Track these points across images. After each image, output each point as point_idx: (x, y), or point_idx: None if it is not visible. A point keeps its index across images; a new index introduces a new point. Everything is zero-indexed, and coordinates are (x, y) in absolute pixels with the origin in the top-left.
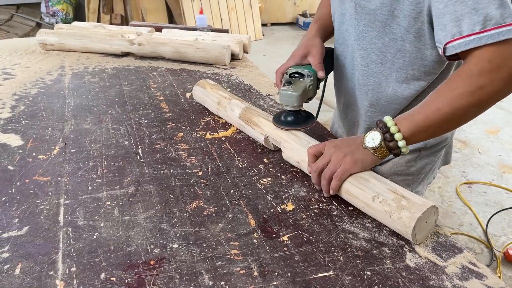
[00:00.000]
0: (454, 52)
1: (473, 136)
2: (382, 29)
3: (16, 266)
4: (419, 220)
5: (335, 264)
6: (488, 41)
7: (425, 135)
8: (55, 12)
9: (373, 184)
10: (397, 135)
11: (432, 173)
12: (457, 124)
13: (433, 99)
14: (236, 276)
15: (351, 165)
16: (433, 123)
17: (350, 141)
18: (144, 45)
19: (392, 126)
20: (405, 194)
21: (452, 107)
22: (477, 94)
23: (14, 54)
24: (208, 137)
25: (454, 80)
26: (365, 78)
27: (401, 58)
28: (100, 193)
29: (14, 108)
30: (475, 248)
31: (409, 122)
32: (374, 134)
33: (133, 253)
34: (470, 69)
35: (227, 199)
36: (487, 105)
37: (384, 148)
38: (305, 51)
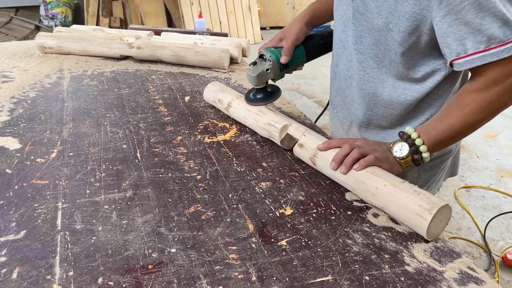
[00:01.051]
0: (461, 69)
1: (471, 140)
2: (378, 38)
3: (13, 270)
4: (443, 209)
5: (333, 268)
6: (492, 58)
7: (440, 147)
8: (54, 15)
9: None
10: (423, 147)
11: (436, 185)
12: (469, 134)
13: (445, 115)
14: (234, 281)
15: (383, 161)
16: (448, 138)
17: (381, 144)
18: (143, 48)
19: (418, 139)
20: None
21: (464, 123)
22: (487, 110)
23: (13, 57)
24: (207, 141)
25: (464, 97)
26: (362, 82)
27: (395, 67)
28: (98, 197)
29: (12, 111)
30: (473, 253)
31: (427, 135)
32: (402, 145)
33: (131, 257)
34: (478, 87)
35: (226, 203)
36: (497, 115)
37: (409, 159)
38: (282, 35)
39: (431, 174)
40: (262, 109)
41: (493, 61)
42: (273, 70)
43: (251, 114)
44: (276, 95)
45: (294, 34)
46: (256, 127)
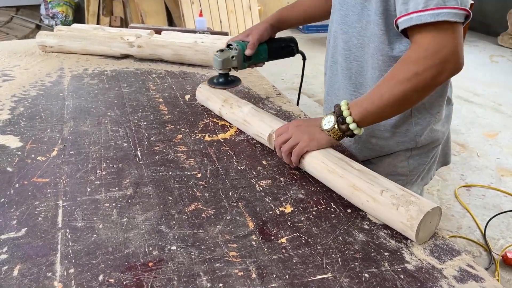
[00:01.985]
0: (402, 27)
1: (471, 139)
2: (360, 12)
3: (14, 268)
4: (427, 216)
5: (333, 266)
6: (427, 19)
7: (374, 118)
8: (55, 14)
9: (382, 181)
10: (348, 118)
11: (428, 174)
12: (402, 108)
13: (377, 85)
14: (234, 278)
15: (307, 143)
16: (378, 108)
17: (310, 122)
18: (143, 47)
19: (345, 110)
20: (413, 194)
21: (392, 93)
22: (413, 80)
23: (14, 56)
24: (207, 139)
25: (395, 67)
26: (348, 62)
27: (372, 42)
28: (98, 195)
29: (13, 110)
30: (473, 251)
31: (359, 107)
32: (329, 117)
33: (131, 255)
34: (408, 56)
35: (226, 201)
36: (424, 90)
37: (337, 130)
38: (249, 31)
39: (420, 162)
40: (247, 117)
41: (428, 27)
42: (237, 59)
43: (239, 125)
44: (236, 83)
45: (260, 31)
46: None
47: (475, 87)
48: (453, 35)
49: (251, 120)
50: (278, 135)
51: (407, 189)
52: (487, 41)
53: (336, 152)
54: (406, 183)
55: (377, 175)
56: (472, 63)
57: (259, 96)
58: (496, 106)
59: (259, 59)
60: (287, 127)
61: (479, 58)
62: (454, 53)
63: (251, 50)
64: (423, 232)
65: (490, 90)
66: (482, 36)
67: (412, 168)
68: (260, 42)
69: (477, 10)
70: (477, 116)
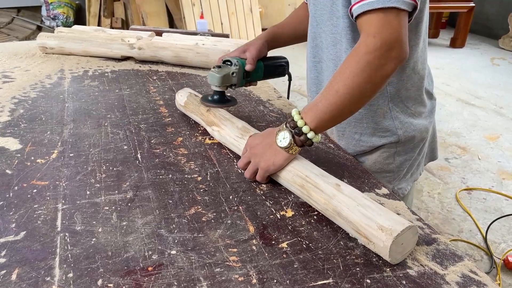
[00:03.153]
0: (355, 14)
1: (472, 142)
2: (330, 9)
3: (13, 272)
4: (393, 253)
5: (334, 271)
6: (378, 4)
7: (332, 121)
8: (56, 16)
9: (340, 223)
10: (305, 128)
11: (417, 169)
12: (358, 104)
13: (331, 82)
14: (234, 283)
15: (267, 165)
16: (335, 107)
17: (265, 139)
18: (144, 49)
19: (299, 120)
20: (367, 235)
21: (347, 87)
22: (366, 71)
23: (14, 57)
24: (208, 142)
25: (346, 60)
26: (328, 60)
27: (345, 36)
28: (98, 198)
29: (13, 112)
30: (474, 255)
31: (313, 111)
32: (284, 134)
33: (131, 259)
34: (359, 46)
35: (226, 205)
36: (379, 81)
37: (294, 145)
38: (245, 47)
39: (406, 158)
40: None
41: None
42: (237, 75)
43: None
44: (233, 103)
45: (257, 47)
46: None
47: (476, 90)
48: (399, 22)
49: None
50: (240, 162)
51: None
52: (488, 43)
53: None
54: (393, 179)
55: (333, 213)
56: (473, 65)
57: (260, 99)
58: (497, 108)
59: (256, 77)
60: (246, 149)
61: (480, 61)
62: (398, 40)
63: (251, 66)
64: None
65: (491, 93)
66: (483, 38)
67: (398, 164)
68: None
69: (478, 12)
70: (478, 118)
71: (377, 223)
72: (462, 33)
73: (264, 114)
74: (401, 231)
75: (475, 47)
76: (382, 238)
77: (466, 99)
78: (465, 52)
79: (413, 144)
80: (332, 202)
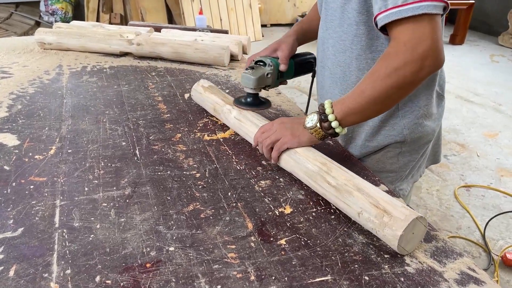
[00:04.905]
0: (381, 24)
1: (471, 139)
2: (341, 15)
3: (10, 268)
4: (402, 237)
5: (332, 268)
6: (407, 13)
7: (356, 117)
8: (54, 11)
9: (356, 197)
10: (330, 116)
11: (418, 171)
12: (384, 106)
13: (360, 81)
14: (232, 280)
15: (289, 139)
16: (360, 105)
17: (294, 120)
18: (143, 45)
19: (328, 108)
20: (387, 208)
21: (373, 89)
22: (393, 76)
23: (12, 52)
24: (206, 139)
25: (376, 64)
26: (333, 67)
27: (358, 43)
28: (96, 194)
29: (11, 107)
30: (473, 252)
31: (341, 104)
32: (313, 116)
33: (129, 255)
34: (388, 52)
35: (225, 202)
36: (405, 87)
37: (319, 128)
38: (276, 46)
39: (410, 159)
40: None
41: (407, 22)
42: (272, 76)
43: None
44: (266, 105)
45: (289, 46)
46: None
47: (476, 87)
48: (432, 29)
49: (239, 132)
50: (262, 132)
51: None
52: (488, 40)
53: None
54: (395, 179)
55: (352, 188)
56: (472, 62)
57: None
58: (496, 106)
59: (288, 76)
60: (272, 124)
61: (480, 58)
62: (433, 48)
63: (285, 66)
64: (409, 244)
65: (491, 90)
66: (482, 35)
67: (401, 165)
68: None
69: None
70: (477, 116)
71: (401, 204)
72: (462, 30)
73: (263, 111)
74: (421, 217)
75: (474, 44)
76: (405, 212)
77: (465, 96)
78: (464, 49)
79: (418, 145)
80: (354, 180)
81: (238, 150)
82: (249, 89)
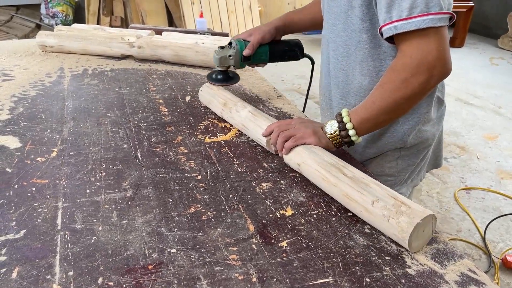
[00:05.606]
0: (386, 36)
1: (471, 141)
2: (345, 21)
3: (13, 270)
4: (417, 227)
5: (334, 270)
6: (412, 27)
7: (370, 126)
8: (55, 14)
9: (373, 189)
10: (349, 124)
11: (418, 175)
12: (395, 115)
13: (371, 93)
14: (234, 282)
15: (309, 135)
16: (372, 115)
17: (315, 123)
18: (144, 48)
19: (345, 116)
20: (405, 201)
21: (383, 101)
22: (402, 88)
23: (14, 55)
24: (207, 141)
25: (385, 75)
26: (336, 70)
27: (361, 50)
28: (98, 197)
29: (12, 110)
30: (473, 254)
31: (355, 114)
32: (333, 123)
33: (131, 257)
34: (395, 64)
35: (226, 204)
36: (415, 97)
37: (338, 135)
38: (252, 31)
39: (409, 163)
40: (244, 122)
41: (413, 35)
42: (234, 58)
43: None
44: (234, 80)
45: (262, 33)
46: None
47: (475, 89)
48: (438, 40)
49: (249, 125)
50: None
51: (400, 196)
52: (487, 43)
53: (330, 156)
54: (394, 184)
55: (369, 181)
56: (472, 65)
57: (260, 98)
58: (496, 108)
59: (259, 60)
60: (291, 120)
61: (479, 61)
62: (440, 58)
63: (249, 51)
64: (417, 240)
65: (490, 93)
66: (482, 38)
67: (400, 169)
68: (262, 44)
69: (478, 12)
70: (477, 118)
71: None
72: (461, 33)
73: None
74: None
75: (474, 47)
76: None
77: (465, 98)
78: (464, 52)
79: (418, 149)
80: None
81: (239, 152)
82: (216, 66)
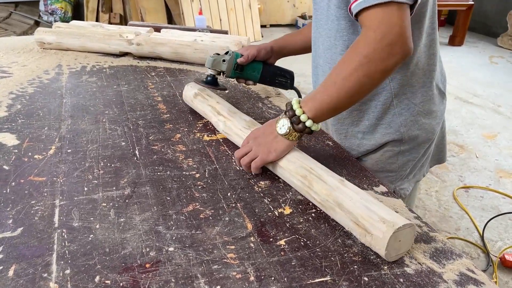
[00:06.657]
0: (355, 13)
1: (470, 140)
2: (327, 13)
3: (10, 268)
4: (389, 252)
5: (332, 269)
6: (376, 1)
7: (331, 111)
8: (54, 11)
9: (339, 215)
10: (303, 116)
11: (420, 170)
12: (357, 96)
13: (330, 73)
14: (232, 281)
15: (266, 155)
16: (332, 98)
17: (266, 130)
18: (142, 45)
19: (297, 109)
20: (366, 226)
21: (344, 80)
22: (364, 64)
23: (12, 52)
24: (206, 139)
25: (346, 53)
26: (324, 64)
27: (341, 38)
28: (96, 194)
29: (10, 107)
30: (471, 253)
31: (312, 101)
32: (283, 121)
33: (128, 255)
34: (358, 41)
35: (224, 202)
36: (378, 76)
37: (293, 131)
38: (248, 47)
39: (410, 158)
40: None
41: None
42: (228, 64)
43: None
44: (221, 88)
45: (258, 48)
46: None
47: (475, 88)
48: (401, 17)
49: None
50: (239, 154)
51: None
52: (487, 42)
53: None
54: (395, 179)
55: (333, 204)
56: (471, 64)
57: (259, 96)
58: (495, 107)
59: (250, 76)
60: (247, 140)
61: (479, 59)
62: (402, 35)
63: (243, 60)
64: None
65: (490, 91)
66: (481, 37)
67: (401, 164)
68: (256, 59)
69: (477, 11)
70: (476, 117)
71: (379, 216)
72: (461, 31)
73: (263, 111)
74: (402, 225)
75: (473, 45)
76: (382, 229)
77: (464, 97)
78: (463, 50)
79: (417, 144)
80: (334, 194)
81: None
82: (207, 69)
